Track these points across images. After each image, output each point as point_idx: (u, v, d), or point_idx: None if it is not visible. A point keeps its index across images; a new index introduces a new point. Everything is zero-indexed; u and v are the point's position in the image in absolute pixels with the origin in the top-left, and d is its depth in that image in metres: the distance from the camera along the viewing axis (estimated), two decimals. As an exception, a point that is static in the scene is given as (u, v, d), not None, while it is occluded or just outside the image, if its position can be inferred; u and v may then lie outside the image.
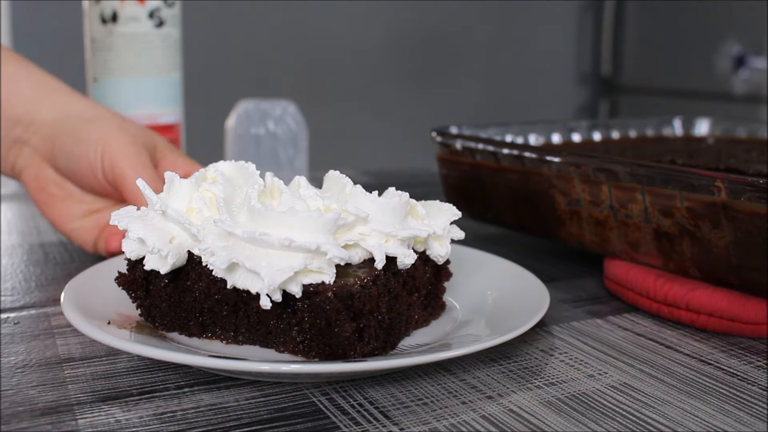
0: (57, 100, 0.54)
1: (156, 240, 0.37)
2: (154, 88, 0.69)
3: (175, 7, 0.69)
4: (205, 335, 0.39)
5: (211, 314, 0.38)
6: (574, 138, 0.73)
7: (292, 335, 0.36)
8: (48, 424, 0.32)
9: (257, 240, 0.35)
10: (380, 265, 0.37)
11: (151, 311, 0.40)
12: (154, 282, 0.39)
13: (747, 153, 0.65)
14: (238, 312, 0.38)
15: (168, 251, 0.37)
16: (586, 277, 0.54)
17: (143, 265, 0.38)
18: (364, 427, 0.32)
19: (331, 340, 0.35)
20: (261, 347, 0.38)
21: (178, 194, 0.39)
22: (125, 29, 0.67)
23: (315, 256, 0.35)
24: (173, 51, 0.70)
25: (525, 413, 0.34)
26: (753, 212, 0.41)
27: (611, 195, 0.49)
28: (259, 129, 0.78)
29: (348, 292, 0.35)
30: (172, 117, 0.71)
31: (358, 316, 0.35)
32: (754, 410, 0.34)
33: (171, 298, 0.39)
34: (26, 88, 0.54)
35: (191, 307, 0.39)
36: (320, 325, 0.35)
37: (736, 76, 1.91)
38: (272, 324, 0.37)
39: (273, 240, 0.35)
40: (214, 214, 0.38)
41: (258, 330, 0.38)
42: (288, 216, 0.36)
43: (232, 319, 0.38)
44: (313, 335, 0.36)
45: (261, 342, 0.38)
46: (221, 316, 0.38)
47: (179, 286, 0.39)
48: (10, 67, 0.54)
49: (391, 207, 0.38)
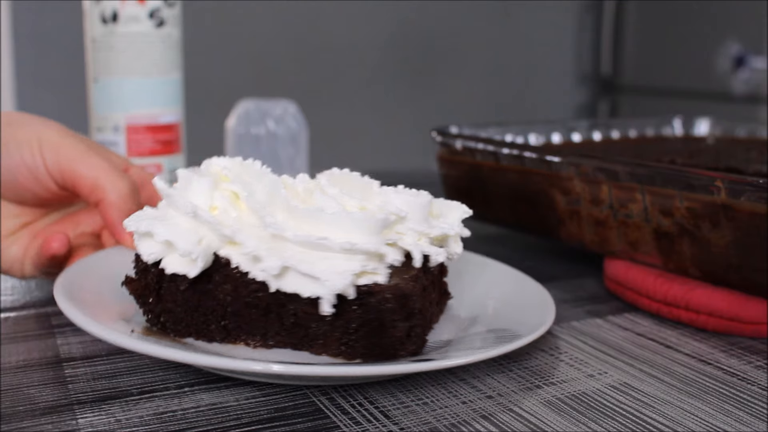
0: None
1: (185, 242, 0.35)
2: (154, 88, 0.69)
3: (175, 7, 0.69)
4: (229, 340, 0.38)
5: (236, 318, 0.37)
6: (574, 138, 0.73)
7: (336, 337, 0.35)
8: (48, 424, 0.32)
9: (314, 244, 0.34)
10: (419, 263, 0.37)
11: (162, 317, 0.38)
12: (168, 286, 0.37)
13: (747, 153, 0.65)
14: (269, 314, 0.36)
15: (198, 254, 0.35)
16: (586, 277, 0.54)
17: (156, 268, 0.37)
18: (364, 427, 0.32)
19: (382, 340, 0.35)
20: (293, 350, 0.37)
21: (197, 193, 0.37)
22: (125, 29, 0.67)
23: (371, 258, 0.35)
24: (173, 51, 0.70)
25: (525, 413, 0.34)
26: (753, 212, 0.41)
27: (611, 195, 0.49)
28: (259, 129, 0.78)
29: (402, 292, 0.34)
30: (172, 117, 0.71)
31: (410, 315, 0.35)
32: (754, 410, 0.34)
33: (188, 302, 0.37)
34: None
35: (213, 311, 0.37)
36: (372, 326, 0.35)
37: (736, 76, 1.91)
38: (313, 327, 0.36)
39: (332, 244, 0.34)
40: (242, 214, 0.37)
41: (294, 333, 0.36)
42: (339, 218, 0.35)
43: (262, 323, 0.37)
44: (361, 336, 0.35)
45: (294, 345, 0.37)
46: (249, 319, 0.37)
47: (198, 289, 0.37)
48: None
49: (420, 205, 0.38)
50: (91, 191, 0.45)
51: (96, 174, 0.45)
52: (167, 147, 0.71)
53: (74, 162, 0.45)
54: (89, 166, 0.45)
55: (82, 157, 0.45)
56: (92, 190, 0.45)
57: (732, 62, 1.92)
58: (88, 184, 0.45)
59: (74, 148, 0.45)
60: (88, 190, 0.45)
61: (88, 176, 0.45)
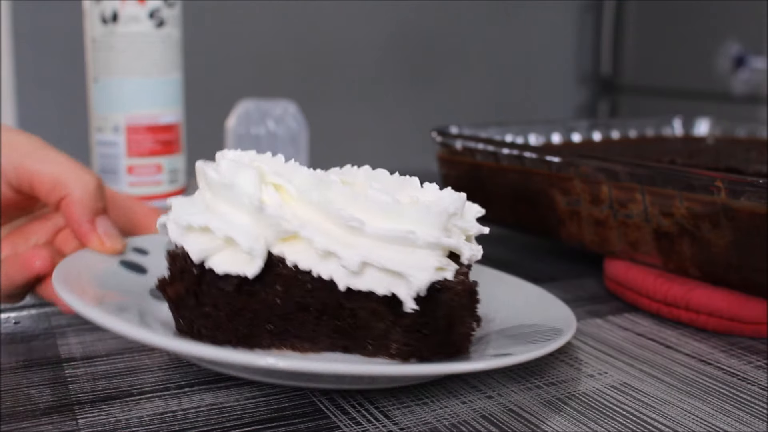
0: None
1: (247, 239, 0.32)
2: (154, 88, 0.69)
3: (175, 7, 0.69)
4: (275, 345, 0.35)
5: (284, 321, 0.35)
6: (574, 138, 0.73)
7: (396, 336, 0.34)
8: (48, 424, 0.32)
9: (399, 238, 0.33)
10: (468, 260, 0.36)
11: (196, 323, 0.34)
12: (209, 288, 0.34)
13: (747, 153, 0.65)
14: (322, 316, 0.34)
15: (259, 251, 0.33)
16: (586, 277, 0.54)
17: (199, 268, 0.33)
18: (364, 427, 0.32)
19: (450, 337, 0.34)
20: (343, 353, 0.35)
21: (247, 185, 0.34)
22: (125, 29, 0.67)
23: (444, 253, 0.34)
24: (173, 51, 0.70)
25: (525, 413, 0.34)
26: (753, 212, 0.41)
27: (611, 195, 0.49)
28: (259, 129, 0.78)
29: (470, 287, 0.34)
30: (172, 117, 0.71)
31: (474, 311, 0.35)
32: (754, 410, 0.34)
33: (232, 306, 0.34)
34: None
35: (259, 314, 0.34)
36: (439, 323, 0.34)
37: (736, 76, 1.91)
38: (375, 326, 0.34)
39: (417, 238, 0.33)
40: (297, 208, 0.34)
41: (348, 334, 0.35)
42: (417, 210, 0.33)
43: (313, 325, 0.35)
44: (425, 334, 0.34)
45: (346, 348, 0.35)
46: (299, 322, 0.35)
47: (244, 291, 0.34)
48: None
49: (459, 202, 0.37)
50: (52, 188, 0.39)
51: (57, 169, 0.39)
52: (167, 147, 0.71)
53: (30, 157, 0.39)
54: (49, 161, 0.39)
55: (37, 151, 0.40)
56: (53, 186, 0.39)
57: (732, 62, 1.92)
58: (49, 180, 0.39)
59: (28, 144, 0.40)
60: (49, 187, 0.39)
61: (48, 172, 0.39)
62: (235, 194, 0.33)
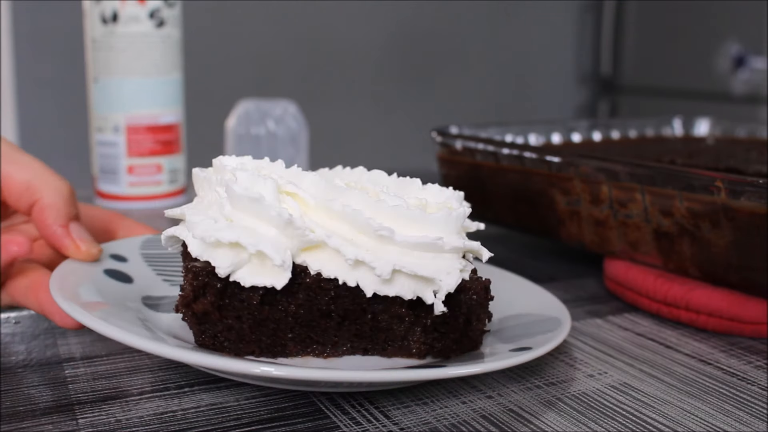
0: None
1: (276, 251, 0.32)
2: (154, 88, 0.69)
3: (175, 8, 0.69)
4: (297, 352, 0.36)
5: (305, 329, 0.35)
6: (574, 138, 0.73)
7: (416, 337, 0.35)
8: (48, 424, 0.32)
9: (429, 245, 0.34)
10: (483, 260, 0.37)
11: (218, 335, 0.34)
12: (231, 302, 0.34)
13: (747, 153, 0.65)
14: (343, 322, 0.35)
15: (287, 263, 0.33)
16: (586, 277, 0.54)
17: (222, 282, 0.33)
18: (364, 427, 0.32)
19: (467, 335, 0.36)
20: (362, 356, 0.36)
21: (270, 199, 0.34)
22: (126, 29, 0.67)
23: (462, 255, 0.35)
24: (173, 51, 0.70)
25: (525, 413, 0.34)
26: (753, 212, 0.41)
27: (611, 195, 0.49)
28: (259, 129, 0.78)
29: (485, 285, 0.35)
30: (172, 117, 0.71)
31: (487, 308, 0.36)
32: (754, 410, 0.34)
33: (256, 317, 0.34)
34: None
35: (281, 323, 0.35)
36: (458, 321, 0.35)
37: (736, 77, 1.91)
38: (396, 329, 0.35)
39: (445, 244, 0.34)
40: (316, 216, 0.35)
41: (369, 337, 0.36)
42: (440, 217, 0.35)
43: (334, 331, 0.35)
44: (444, 333, 0.36)
45: (366, 350, 0.36)
46: (321, 329, 0.35)
47: (267, 301, 0.34)
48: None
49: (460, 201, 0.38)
50: (23, 192, 0.38)
51: (28, 173, 0.38)
52: (167, 147, 0.71)
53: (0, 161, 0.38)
54: (19, 165, 0.38)
55: (8, 155, 0.38)
56: (24, 190, 0.38)
57: (732, 62, 1.92)
58: (19, 185, 0.38)
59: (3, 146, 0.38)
60: (19, 191, 0.38)
61: (19, 176, 0.38)
62: (263, 208, 0.33)
